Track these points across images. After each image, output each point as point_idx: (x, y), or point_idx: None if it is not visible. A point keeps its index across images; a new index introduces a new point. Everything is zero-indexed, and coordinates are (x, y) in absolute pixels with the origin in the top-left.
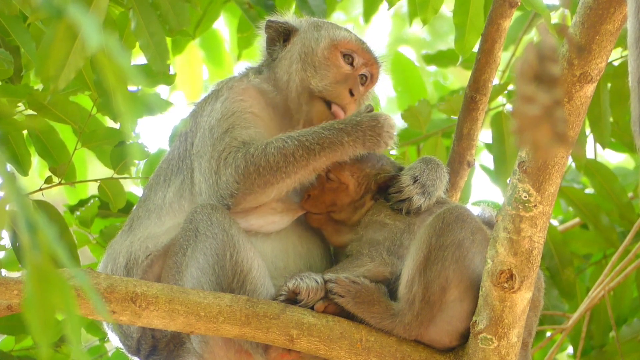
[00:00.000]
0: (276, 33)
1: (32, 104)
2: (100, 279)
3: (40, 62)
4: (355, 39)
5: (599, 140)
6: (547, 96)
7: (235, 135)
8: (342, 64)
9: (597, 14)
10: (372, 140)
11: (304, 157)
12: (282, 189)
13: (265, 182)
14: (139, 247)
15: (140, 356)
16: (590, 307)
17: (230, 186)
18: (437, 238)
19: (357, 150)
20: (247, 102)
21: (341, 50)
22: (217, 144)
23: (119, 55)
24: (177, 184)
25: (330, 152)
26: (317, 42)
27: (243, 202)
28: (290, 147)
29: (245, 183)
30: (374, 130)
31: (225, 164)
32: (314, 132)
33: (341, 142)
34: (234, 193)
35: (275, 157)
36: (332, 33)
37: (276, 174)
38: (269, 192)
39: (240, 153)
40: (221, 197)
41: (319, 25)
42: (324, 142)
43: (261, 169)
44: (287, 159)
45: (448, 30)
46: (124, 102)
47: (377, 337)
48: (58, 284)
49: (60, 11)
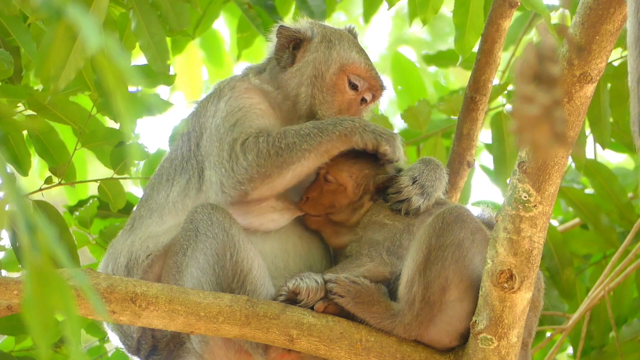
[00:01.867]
0: (287, 40)
1: (32, 104)
2: (100, 279)
3: (40, 62)
4: (364, 66)
5: (599, 141)
6: (547, 96)
7: (250, 123)
8: (347, 89)
9: (597, 14)
10: (385, 135)
11: (318, 136)
12: (297, 170)
13: (282, 162)
14: (140, 247)
15: (140, 356)
16: (590, 307)
17: (251, 170)
18: (437, 238)
19: (365, 136)
20: (254, 99)
21: (348, 75)
22: (226, 136)
23: (119, 56)
24: (181, 184)
25: (342, 130)
26: (327, 66)
27: (260, 186)
28: (307, 128)
29: (266, 165)
30: (387, 132)
31: (244, 149)
32: (329, 118)
33: (352, 120)
34: (253, 177)
35: (293, 137)
36: (343, 56)
37: (292, 153)
38: (285, 174)
39: (262, 137)
40: (238, 182)
41: (331, 42)
42: (336, 121)
43: (280, 150)
44: (303, 138)
45: (448, 30)
46: (123, 103)
47: (377, 337)
48: (57, 284)
49: (60, 12)
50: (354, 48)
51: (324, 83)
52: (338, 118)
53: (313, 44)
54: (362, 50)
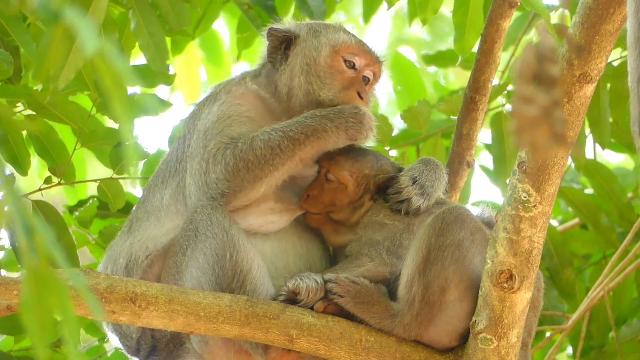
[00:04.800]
0: (278, 41)
1: (32, 104)
2: (99, 279)
3: (39, 62)
4: (355, 42)
5: (599, 141)
6: (546, 96)
7: (225, 132)
8: (345, 68)
9: (597, 14)
10: (354, 128)
11: (289, 148)
12: (271, 182)
13: (254, 177)
14: (139, 248)
15: (140, 356)
16: (590, 307)
17: (221, 185)
18: (437, 238)
19: (340, 139)
20: (244, 107)
21: (342, 55)
22: (209, 144)
23: (116, 59)
24: (173, 187)
25: (314, 140)
26: (318, 51)
27: (234, 199)
28: (276, 139)
29: (235, 180)
30: (356, 118)
31: (214, 162)
32: (297, 122)
33: (324, 129)
34: (224, 192)
35: (262, 150)
36: (331, 39)
37: (264, 168)
38: (259, 187)
39: (229, 150)
40: (211, 197)
41: (317, 31)
42: (307, 130)
43: (249, 164)
44: (274, 151)
45: (448, 30)
46: (121, 106)
47: (376, 337)
48: (55, 285)
49: (57, 15)
50: (341, 30)
51: (318, 67)
52: (308, 123)
53: (301, 39)
54: (349, 32)
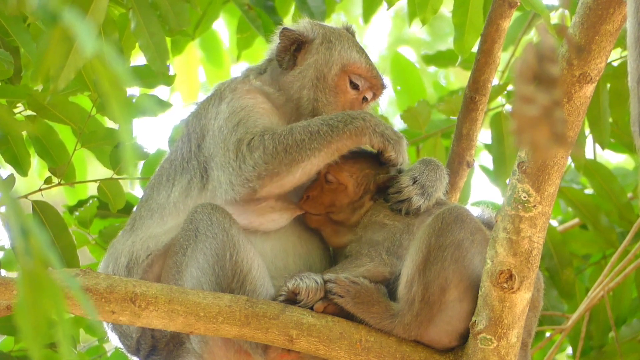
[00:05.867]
0: (289, 42)
1: (32, 104)
2: (99, 279)
3: (38, 63)
4: (365, 65)
5: (599, 141)
6: (546, 96)
7: (253, 122)
8: (349, 89)
9: (597, 14)
10: (392, 136)
11: (328, 134)
12: (307, 168)
13: (292, 160)
14: (140, 247)
15: (140, 356)
16: (590, 307)
17: (258, 168)
18: (437, 238)
19: (375, 136)
20: (258, 99)
21: (349, 75)
22: (230, 136)
23: (115, 60)
24: (183, 184)
25: (353, 129)
26: (328, 67)
27: (269, 183)
28: (316, 125)
29: (274, 163)
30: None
31: (250, 149)
32: (338, 114)
33: (364, 119)
34: (261, 174)
35: (302, 134)
36: (344, 56)
37: (302, 151)
38: (295, 171)
39: (267, 135)
40: (247, 180)
41: (330, 42)
42: (347, 119)
43: (288, 148)
44: (312, 136)
45: (448, 30)
46: (119, 107)
47: (376, 337)
48: (50, 287)
49: (56, 16)
50: (354, 47)
51: (326, 84)
52: (348, 115)
53: (314, 45)
54: (361, 50)
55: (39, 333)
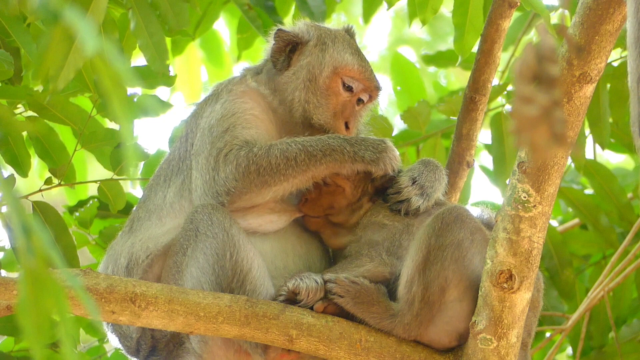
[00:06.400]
0: (284, 43)
1: (32, 105)
2: (99, 279)
3: (38, 63)
4: (358, 67)
5: (599, 141)
6: (546, 97)
7: (236, 133)
8: (341, 91)
9: (597, 15)
10: (372, 157)
11: (304, 162)
12: (278, 191)
13: (263, 183)
14: (140, 248)
15: (140, 356)
16: (590, 307)
17: (228, 183)
18: (437, 238)
19: (356, 165)
20: (248, 104)
21: (342, 77)
22: (216, 141)
23: (116, 60)
24: (177, 184)
25: (331, 160)
26: (320, 69)
27: (238, 200)
28: (294, 151)
29: (244, 182)
30: (376, 149)
31: (225, 161)
32: (319, 140)
33: (342, 152)
34: (230, 190)
35: (278, 158)
36: (336, 58)
37: (275, 176)
38: (265, 194)
39: (243, 151)
40: (217, 193)
41: (324, 44)
42: (326, 149)
43: (261, 170)
44: (289, 162)
45: (448, 30)
46: (120, 107)
47: (376, 337)
48: (52, 286)
49: (57, 15)
50: (348, 49)
51: (317, 86)
52: (329, 145)
53: (308, 47)
54: (357, 51)
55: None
